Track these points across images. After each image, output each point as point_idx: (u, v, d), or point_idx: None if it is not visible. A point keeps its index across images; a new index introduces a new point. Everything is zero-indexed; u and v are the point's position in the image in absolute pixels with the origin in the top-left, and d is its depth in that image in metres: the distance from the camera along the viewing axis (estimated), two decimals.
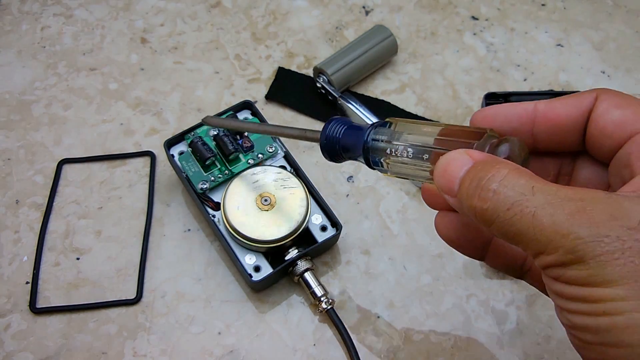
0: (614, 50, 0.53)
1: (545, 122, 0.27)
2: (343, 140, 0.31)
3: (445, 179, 0.25)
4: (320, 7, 0.55)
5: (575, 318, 0.22)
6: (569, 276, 0.22)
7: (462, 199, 0.24)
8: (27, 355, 0.40)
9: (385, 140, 0.29)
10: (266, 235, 0.41)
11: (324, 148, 0.32)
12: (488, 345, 0.41)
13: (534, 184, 0.22)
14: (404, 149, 0.27)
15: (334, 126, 0.31)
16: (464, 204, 0.24)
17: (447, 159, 0.25)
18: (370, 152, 0.29)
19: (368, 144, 0.29)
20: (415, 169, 0.27)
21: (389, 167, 0.29)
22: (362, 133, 0.30)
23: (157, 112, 0.49)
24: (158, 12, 0.54)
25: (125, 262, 0.43)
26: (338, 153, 0.31)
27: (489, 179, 0.23)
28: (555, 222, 0.21)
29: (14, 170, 0.47)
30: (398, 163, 0.28)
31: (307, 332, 0.41)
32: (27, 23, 0.54)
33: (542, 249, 0.22)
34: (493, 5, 0.55)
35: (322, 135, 0.32)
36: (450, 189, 0.25)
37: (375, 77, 0.51)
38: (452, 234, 0.30)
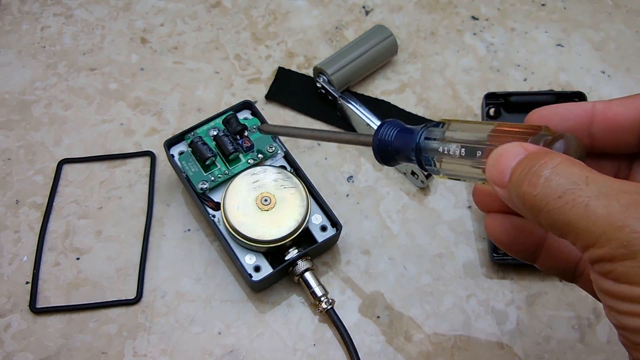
0: (614, 50, 0.53)
1: (604, 122, 0.27)
2: (395, 142, 0.31)
3: (496, 170, 0.24)
4: (320, 7, 0.55)
5: (625, 319, 0.21)
6: (619, 272, 0.20)
7: (512, 188, 0.23)
8: (27, 355, 0.40)
9: (437, 139, 0.28)
10: (266, 235, 0.41)
11: (377, 151, 0.31)
12: (488, 345, 0.41)
13: (588, 173, 0.22)
14: (457, 147, 0.27)
15: (386, 129, 0.31)
16: (514, 193, 0.23)
17: (500, 151, 0.24)
18: (422, 152, 0.29)
19: (420, 144, 0.29)
20: (468, 167, 0.27)
21: (442, 167, 0.28)
22: (414, 134, 0.29)
23: (157, 112, 0.49)
24: (158, 12, 0.54)
25: (125, 262, 0.43)
26: (391, 155, 0.31)
27: (541, 165, 0.22)
28: (609, 213, 0.20)
29: (14, 170, 0.47)
30: (451, 162, 0.28)
31: (307, 332, 0.41)
32: (27, 23, 0.54)
33: (594, 241, 0.21)
34: (493, 5, 0.55)
35: (375, 138, 0.31)
36: (501, 179, 0.24)
37: (375, 77, 0.51)
38: (504, 236, 0.29)
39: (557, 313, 0.42)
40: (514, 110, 0.47)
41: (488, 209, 0.30)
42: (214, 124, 0.45)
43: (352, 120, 0.48)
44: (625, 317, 0.21)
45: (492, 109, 0.47)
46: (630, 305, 0.21)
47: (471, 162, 0.27)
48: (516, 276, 0.43)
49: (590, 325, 0.42)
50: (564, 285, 0.43)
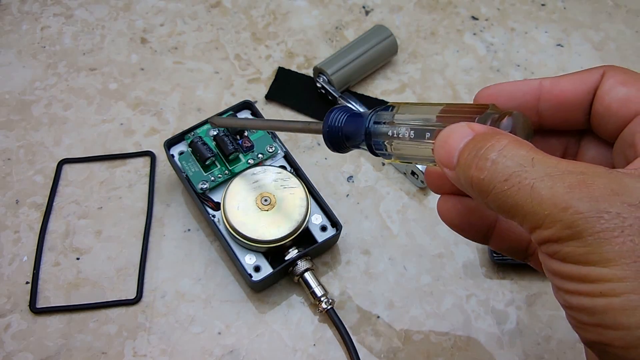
0: (614, 50, 0.53)
1: (551, 99, 0.26)
2: (345, 127, 0.30)
3: (444, 151, 0.24)
4: (320, 7, 0.55)
5: (571, 298, 0.21)
6: (565, 253, 0.21)
7: (460, 170, 0.23)
8: (27, 355, 0.40)
9: (387, 122, 0.28)
10: (266, 235, 0.41)
11: (327, 138, 0.31)
12: (488, 345, 0.41)
13: (534, 155, 0.22)
14: (406, 129, 0.27)
15: (335, 115, 0.31)
16: (462, 176, 0.23)
17: (447, 132, 0.24)
18: (372, 137, 0.29)
19: (370, 129, 0.29)
20: (418, 149, 0.27)
21: (393, 151, 0.28)
22: (364, 118, 0.29)
23: (157, 112, 0.49)
24: (158, 12, 0.54)
25: (125, 262, 0.43)
26: (341, 142, 0.31)
27: (488, 148, 0.22)
28: (554, 194, 0.21)
29: (14, 170, 0.47)
30: (401, 145, 0.27)
31: (307, 332, 0.41)
32: (27, 23, 0.54)
33: (539, 222, 0.21)
34: (493, 5, 0.55)
35: (325, 125, 0.31)
36: (450, 161, 0.24)
37: (375, 77, 0.51)
38: (455, 217, 0.29)
39: (557, 313, 0.42)
40: None
41: (440, 190, 0.30)
42: None
43: None
44: (572, 296, 0.21)
45: None
46: (576, 284, 0.21)
47: (421, 144, 0.26)
48: (516, 276, 0.43)
49: None
50: None
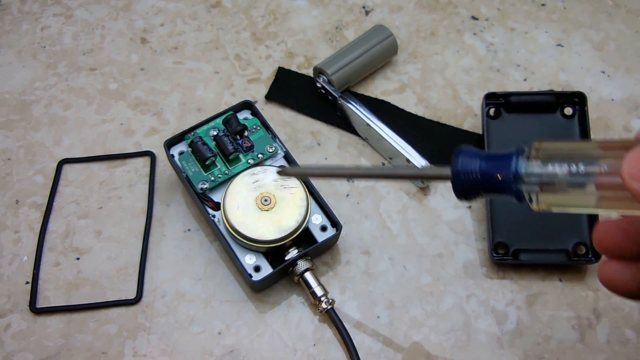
0: (614, 50, 0.53)
1: None
2: (483, 171, 0.26)
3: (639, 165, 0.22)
4: (320, 7, 0.55)
5: None
6: None
7: None
8: (27, 355, 0.40)
9: (536, 158, 0.25)
10: (266, 235, 0.41)
11: (458, 184, 0.27)
12: (488, 345, 0.41)
13: None
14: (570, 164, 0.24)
15: (466, 158, 0.27)
16: None
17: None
18: (524, 179, 0.25)
19: (519, 170, 0.25)
20: (580, 188, 0.24)
21: (541, 197, 0.25)
22: (508, 158, 0.25)
23: (157, 112, 0.49)
24: (158, 12, 0.54)
25: (125, 262, 0.43)
26: (477, 188, 0.27)
27: None
28: None
29: (14, 170, 0.47)
30: (557, 186, 0.24)
31: (307, 332, 0.41)
32: (27, 23, 0.54)
33: None
34: (493, 5, 0.55)
35: (454, 169, 0.27)
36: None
37: (375, 77, 0.51)
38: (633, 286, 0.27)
39: (557, 313, 0.42)
40: (514, 110, 0.47)
41: (609, 249, 0.27)
42: (214, 124, 0.45)
43: (352, 120, 0.48)
44: None
45: (492, 109, 0.47)
46: None
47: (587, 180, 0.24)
48: (516, 276, 0.43)
49: (590, 325, 0.42)
50: (564, 285, 0.43)
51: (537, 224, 0.44)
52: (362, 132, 0.48)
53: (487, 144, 0.46)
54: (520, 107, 0.47)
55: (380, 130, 0.46)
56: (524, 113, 0.47)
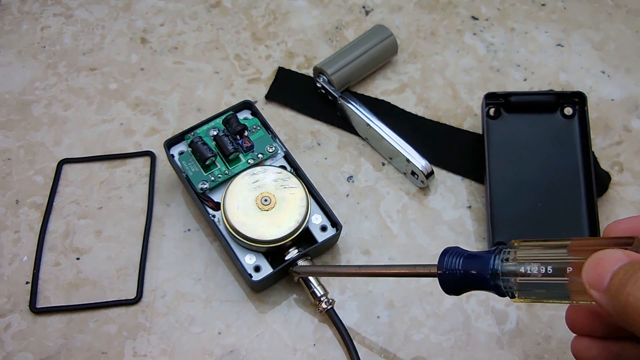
0: (614, 50, 0.53)
1: None
2: (465, 268, 0.29)
3: (595, 273, 0.24)
4: (320, 7, 0.55)
5: None
6: None
7: (612, 291, 0.23)
8: (27, 355, 0.40)
9: (513, 259, 0.28)
10: (266, 235, 0.41)
11: (445, 282, 0.30)
12: (488, 345, 0.41)
13: None
14: (540, 265, 0.26)
15: (450, 257, 0.30)
16: (613, 297, 0.23)
17: (600, 255, 0.24)
18: (500, 277, 0.28)
19: (496, 268, 0.28)
20: (552, 287, 0.26)
21: (519, 291, 0.28)
22: (486, 258, 0.29)
23: (157, 112, 0.49)
24: (158, 12, 0.54)
25: (125, 262, 0.43)
26: (460, 284, 0.30)
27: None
28: None
29: (14, 170, 0.47)
30: (532, 284, 0.27)
31: (307, 332, 0.41)
32: (27, 23, 0.54)
33: None
34: (493, 5, 0.55)
35: (440, 268, 0.30)
36: (600, 283, 0.24)
37: (375, 77, 0.51)
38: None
39: (557, 313, 0.42)
40: (514, 110, 0.47)
41: (581, 330, 0.30)
42: (214, 124, 0.45)
43: (352, 120, 0.48)
44: None
45: (492, 109, 0.47)
46: None
47: (556, 280, 0.26)
48: None
49: None
50: None
51: (537, 224, 0.44)
52: (362, 132, 0.48)
53: (487, 144, 0.46)
54: (520, 107, 0.47)
55: (380, 130, 0.46)
56: (524, 113, 0.47)
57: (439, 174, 0.47)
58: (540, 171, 0.46)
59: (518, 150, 0.46)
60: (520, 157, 0.46)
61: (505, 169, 0.46)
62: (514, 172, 0.45)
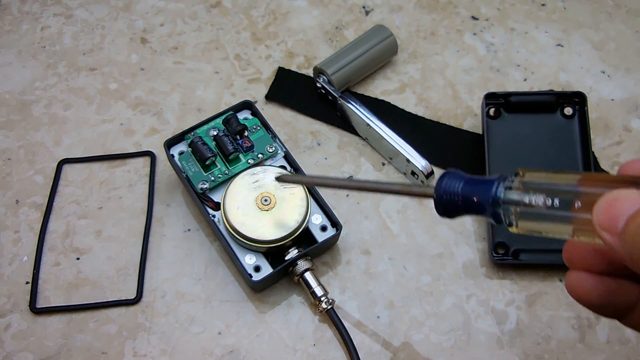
0: (614, 50, 0.53)
1: None
2: (464, 193, 0.28)
3: (608, 214, 0.23)
4: (320, 7, 0.55)
5: None
6: None
7: (629, 237, 0.22)
8: (27, 355, 0.40)
9: (517, 188, 0.26)
10: (266, 235, 0.41)
11: (440, 204, 0.29)
12: (488, 345, 0.41)
13: None
14: (544, 197, 0.25)
15: (450, 180, 0.29)
16: (630, 242, 0.22)
17: (615, 195, 0.23)
18: (501, 205, 0.26)
19: (498, 195, 0.26)
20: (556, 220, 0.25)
21: (520, 222, 0.26)
22: (489, 184, 0.27)
23: (157, 112, 0.49)
24: (158, 12, 0.54)
25: (125, 262, 0.43)
26: (458, 208, 0.28)
27: None
28: None
29: (14, 170, 0.47)
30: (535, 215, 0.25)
31: (307, 332, 0.41)
32: (27, 23, 0.54)
33: None
34: (493, 5, 0.55)
35: (438, 189, 0.29)
36: (613, 226, 0.23)
37: (375, 77, 0.51)
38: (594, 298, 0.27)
39: (557, 313, 0.42)
40: (514, 110, 0.47)
41: (578, 265, 0.28)
42: (214, 124, 0.45)
43: (352, 120, 0.48)
44: None
45: (492, 109, 0.47)
46: None
47: (562, 214, 0.25)
48: (516, 276, 0.43)
49: (590, 325, 0.42)
50: (564, 286, 0.43)
51: None
52: (362, 132, 0.48)
53: (487, 143, 0.46)
54: (520, 107, 0.47)
55: (380, 130, 0.46)
56: (524, 113, 0.47)
57: (439, 174, 0.47)
58: None
59: (518, 150, 0.46)
60: (520, 157, 0.46)
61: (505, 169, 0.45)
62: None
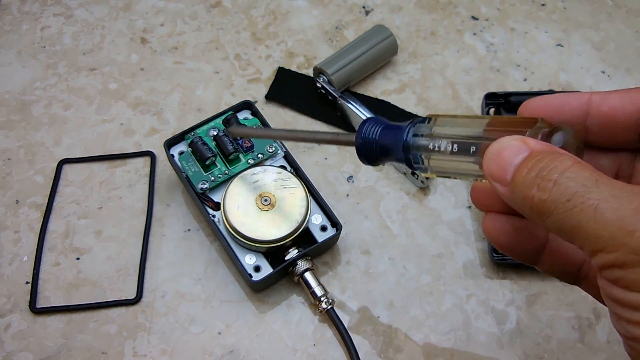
0: (614, 50, 0.53)
1: (599, 115, 0.25)
2: (381, 140, 0.29)
3: (497, 166, 0.23)
4: (320, 7, 0.55)
5: (635, 330, 0.20)
6: (630, 280, 0.19)
7: (517, 189, 0.22)
8: (27, 355, 0.40)
9: (426, 135, 0.27)
10: (266, 235, 0.41)
11: (360, 150, 0.30)
12: (488, 345, 0.41)
13: (597, 177, 0.21)
14: (448, 143, 0.26)
15: (369, 127, 0.29)
16: (519, 194, 0.22)
17: (500, 145, 0.23)
18: (411, 150, 0.27)
19: (408, 142, 0.27)
20: (460, 164, 0.26)
21: (431, 165, 0.27)
22: (401, 131, 0.28)
23: (157, 112, 0.49)
24: (158, 12, 0.54)
25: (125, 262, 0.43)
26: (375, 155, 0.29)
27: (551, 169, 0.21)
28: (620, 217, 0.19)
29: (14, 170, 0.47)
30: (442, 159, 0.26)
31: (307, 332, 0.41)
32: (27, 23, 0.54)
33: (602, 246, 0.20)
34: (493, 5, 0.55)
35: (358, 137, 0.30)
36: (503, 177, 0.23)
37: (375, 77, 0.51)
38: (504, 237, 0.28)
39: (557, 313, 0.42)
40: (514, 110, 0.47)
41: (487, 207, 0.28)
42: (214, 124, 0.45)
43: (352, 120, 0.48)
44: (635, 327, 0.20)
45: (492, 109, 0.47)
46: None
47: (463, 159, 0.25)
48: (516, 276, 0.43)
49: (590, 325, 0.42)
50: (564, 286, 0.43)
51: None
52: None
53: None
54: None
55: None
56: None
57: None
58: None
59: None
60: None
61: None
62: None
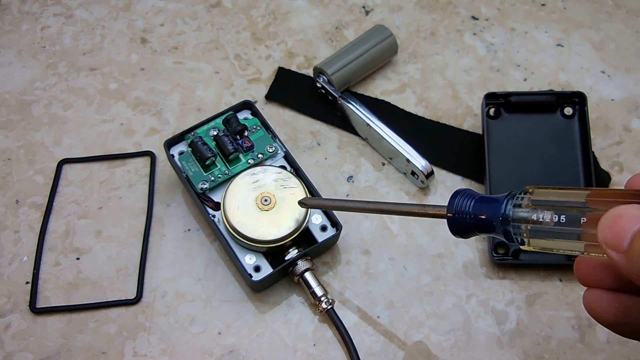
0: (614, 50, 0.53)
1: None
2: (475, 212, 0.28)
3: (613, 232, 0.22)
4: (320, 7, 0.55)
5: None
6: None
7: (635, 256, 0.22)
8: (27, 355, 0.40)
9: (526, 205, 0.26)
10: (266, 235, 0.41)
11: (453, 223, 0.29)
12: (488, 345, 0.41)
13: None
14: (552, 214, 0.25)
15: (461, 199, 0.29)
16: (636, 261, 0.22)
17: (616, 212, 0.23)
18: (510, 222, 0.27)
19: (507, 213, 0.27)
20: (565, 236, 0.25)
21: (531, 239, 0.26)
22: (499, 202, 0.27)
23: (157, 112, 0.50)
24: (158, 12, 0.54)
25: (125, 262, 0.43)
26: (469, 227, 0.29)
27: None
28: None
29: (14, 170, 0.47)
30: (544, 231, 0.26)
31: (307, 332, 0.41)
32: (27, 23, 0.54)
33: None
34: (493, 5, 0.55)
35: (449, 209, 0.29)
36: (619, 244, 0.22)
37: (375, 77, 0.51)
38: (610, 316, 0.27)
39: (557, 313, 0.42)
40: (514, 110, 0.47)
41: (592, 283, 0.28)
42: (214, 124, 0.45)
43: (352, 120, 0.48)
44: None
45: (492, 109, 0.47)
46: None
47: (570, 231, 0.25)
48: (516, 276, 0.43)
49: (590, 325, 0.42)
50: (564, 286, 0.43)
51: None
52: (362, 132, 0.48)
53: (487, 144, 0.46)
54: (520, 107, 0.47)
55: (380, 130, 0.46)
56: (524, 113, 0.47)
57: (439, 174, 0.47)
58: (540, 171, 0.46)
59: (518, 150, 0.46)
60: (520, 157, 0.46)
61: (505, 169, 0.46)
62: (514, 172, 0.45)
